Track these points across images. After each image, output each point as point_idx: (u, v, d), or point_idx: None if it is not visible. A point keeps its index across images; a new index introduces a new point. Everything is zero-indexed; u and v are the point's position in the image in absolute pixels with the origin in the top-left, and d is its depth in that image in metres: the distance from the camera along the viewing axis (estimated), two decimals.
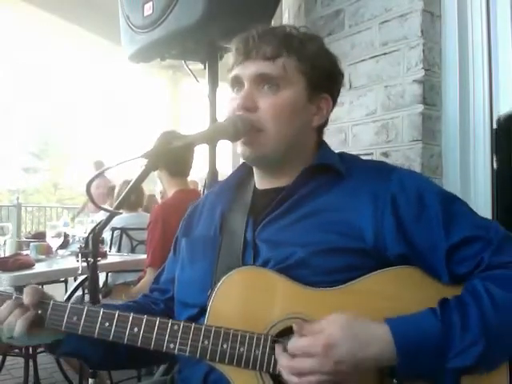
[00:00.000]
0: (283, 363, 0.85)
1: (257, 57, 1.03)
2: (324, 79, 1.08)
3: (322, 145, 1.14)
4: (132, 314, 0.96)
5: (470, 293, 0.88)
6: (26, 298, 1.00)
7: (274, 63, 1.02)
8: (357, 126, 1.79)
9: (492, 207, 1.55)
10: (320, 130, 1.14)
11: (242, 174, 1.18)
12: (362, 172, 1.05)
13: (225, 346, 0.90)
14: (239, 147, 1.06)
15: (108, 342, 0.99)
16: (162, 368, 1.87)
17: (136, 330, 0.95)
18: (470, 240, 0.92)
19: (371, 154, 1.72)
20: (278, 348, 0.87)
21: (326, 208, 1.01)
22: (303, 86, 1.05)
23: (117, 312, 0.97)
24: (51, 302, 1.01)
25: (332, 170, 1.05)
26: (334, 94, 1.12)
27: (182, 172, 2.81)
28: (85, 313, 0.98)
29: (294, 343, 0.84)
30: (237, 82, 1.07)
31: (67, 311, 0.99)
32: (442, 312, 0.85)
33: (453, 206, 0.98)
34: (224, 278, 0.96)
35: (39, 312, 1.00)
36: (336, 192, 1.02)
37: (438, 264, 0.93)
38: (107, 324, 0.97)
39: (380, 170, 1.05)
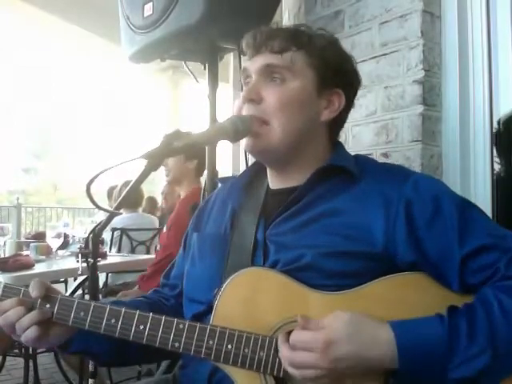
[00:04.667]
0: (283, 353, 0.85)
1: (265, 51, 1.03)
2: (334, 74, 1.06)
3: (337, 146, 1.13)
4: (138, 312, 0.96)
5: (481, 302, 0.86)
6: (33, 291, 0.99)
7: (281, 56, 1.02)
8: (357, 127, 1.79)
9: (492, 208, 1.55)
10: (332, 126, 1.11)
11: (255, 173, 1.17)
12: (377, 175, 1.03)
13: (229, 346, 0.91)
14: (245, 141, 1.05)
15: (118, 341, 0.99)
16: (162, 367, 1.86)
17: (142, 327, 0.95)
18: (486, 249, 0.90)
19: (371, 154, 1.72)
20: (280, 337, 0.88)
21: (337, 211, 1.00)
22: (312, 79, 1.04)
23: (123, 309, 0.97)
24: (59, 297, 1.01)
25: (345, 172, 1.03)
26: (347, 90, 1.09)
27: (204, 171, 2.81)
28: (92, 308, 0.98)
29: (297, 336, 0.85)
30: (246, 76, 1.07)
31: (74, 306, 0.99)
32: (450, 319, 0.83)
33: (469, 212, 0.95)
34: (230, 278, 0.96)
35: (47, 306, 1.00)
36: (348, 195, 1.01)
37: (450, 272, 0.91)
38: (113, 321, 0.97)
39: (395, 174, 1.03)
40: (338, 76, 1.07)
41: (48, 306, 1.00)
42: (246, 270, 0.97)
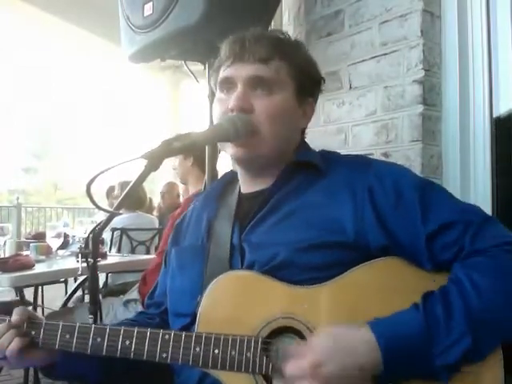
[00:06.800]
0: None
1: (250, 59, 1.03)
2: (310, 84, 1.11)
3: (301, 144, 1.15)
4: (123, 328, 0.97)
5: (453, 282, 0.88)
6: (14, 316, 1.00)
7: (267, 66, 1.03)
8: (357, 127, 1.79)
9: (492, 207, 1.55)
10: (303, 132, 1.16)
11: (226, 182, 1.19)
12: (341, 167, 1.06)
13: (216, 351, 0.91)
14: (231, 149, 1.05)
15: (103, 360, 0.99)
16: None
17: (128, 342, 0.95)
18: (449, 225, 0.92)
19: (371, 154, 1.72)
20: (275, 381, 0.88)
21: (306, 205, 1.01)
22: (293, 90, 1.07)
23: (107, 327, 0.98)
24: (43, 322, 1.01)
25: (312, 168, 1.06)
26: (316, 98, 1.15)
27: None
28: (77, 330, 0.98)
29: (287, 369, 0.85)
30: (228, 83, 1.07)
31: (59, 330, 0.99)
32: (425, 306, 0.85)
33: (430, 192, 0.98)
34: (211, 284, 0.97)
35: (32, 333, 1.00)
36: (316, 189, 1.03)
37: (419, 252, 0.93)
38: (99, 339, 0.97)
39: (357, 164, 1.06)
40: (312, 85, 1.12)
41: (33, 332, 1.00)
42: (225, 275, 0.97)
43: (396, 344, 0.82)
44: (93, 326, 0.98)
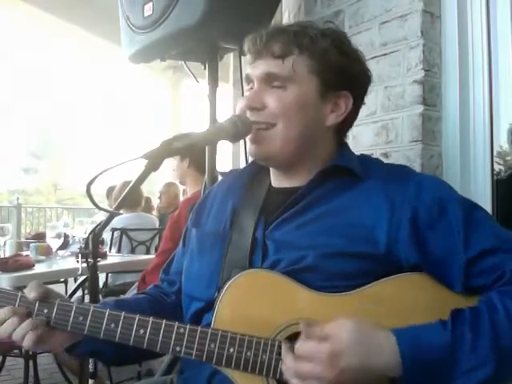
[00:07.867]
0: (288, 364, 0.84)
1: (266, 56, 1.02)
2: (338, 76, 1.04)
3: (342, 146, 1.11)
4: (138, 316, 0.96)
5: (486, 307, 0.84)
6: (31, 293, 0.99)
7: (283, 62, 1.01)
8: (357, 127, 1.78)
9: (492, 208, 1.55)
10: (340, 129, 1.10)
11: (257, 169, 1.16)
12: (381, 176, 1.02)
13: (231, 350, 0.90)
14: (248, 146, 1.05)
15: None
16: (162, 366, 1.87)
17: (142, 332, 0.94)
18: (491, 251, 0.89)
19: (371, 154, 1.72)
20: (284, 346, 0.86)
21: (339, 210, 0.99)
22: (315, 85, 1.03)
23: (122, 313, 0.96)
24: (57, 302, 1.00)
25: (349, 173, 1.03)
26: (355, 91, 1.07)
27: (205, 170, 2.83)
28: (91, 313, 0.98)
29: (302, 346, 0.83)
30: (249, 81, 1.07)
31: (73, 311, 0.99)
32: (453, 325, 0.82)
33: (474, 214, 0.95)
34: (231, 280, 0.95)
35: (45, 311, 1.00)
36: (351, 195, 1.00)
37: (453, 273, 0.91)
38: (113, 325, 0.96)
39: (399, 175, 1.02)
40: (342, 78, 1.04)
41: (46, 310, 1.00)
42: (246, 272, 0.96)
43: (418, 355, 0.80)
44: (108, 310, 0.97)
